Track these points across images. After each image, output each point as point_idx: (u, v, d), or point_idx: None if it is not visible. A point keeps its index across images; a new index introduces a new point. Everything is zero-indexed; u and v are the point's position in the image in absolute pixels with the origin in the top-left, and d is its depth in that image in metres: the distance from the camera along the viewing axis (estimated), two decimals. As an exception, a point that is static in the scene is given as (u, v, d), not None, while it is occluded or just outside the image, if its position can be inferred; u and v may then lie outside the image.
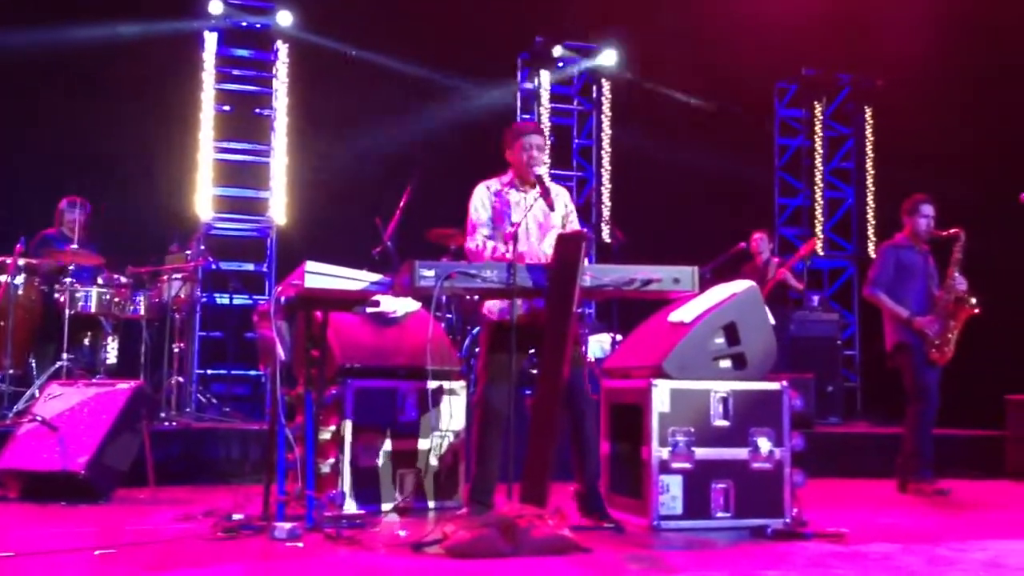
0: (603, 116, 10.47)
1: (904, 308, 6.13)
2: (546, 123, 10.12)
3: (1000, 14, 8.98)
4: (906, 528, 4.71)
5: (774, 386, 4.67)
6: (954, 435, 7.50)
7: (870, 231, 10.86)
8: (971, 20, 9.19)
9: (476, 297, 4.67)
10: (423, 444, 4.99)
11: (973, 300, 6.06)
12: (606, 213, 10.33)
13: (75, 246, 6.91)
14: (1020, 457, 7.15)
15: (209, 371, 8.54)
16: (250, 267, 9.01)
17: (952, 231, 6.17)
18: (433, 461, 4.97)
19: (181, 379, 7.16)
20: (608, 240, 9.96)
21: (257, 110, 9.14)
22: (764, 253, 8.70)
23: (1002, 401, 7.43)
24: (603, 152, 10.47)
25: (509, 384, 4.34)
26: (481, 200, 4.66)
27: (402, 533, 4.09)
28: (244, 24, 9.09)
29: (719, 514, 4.50)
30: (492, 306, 4.60)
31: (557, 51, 10.14)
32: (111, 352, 7.08)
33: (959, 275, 6.12)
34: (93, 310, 6.82)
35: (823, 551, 3.94)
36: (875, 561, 3.75)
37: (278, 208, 8.96)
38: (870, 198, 10.93)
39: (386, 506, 4.81)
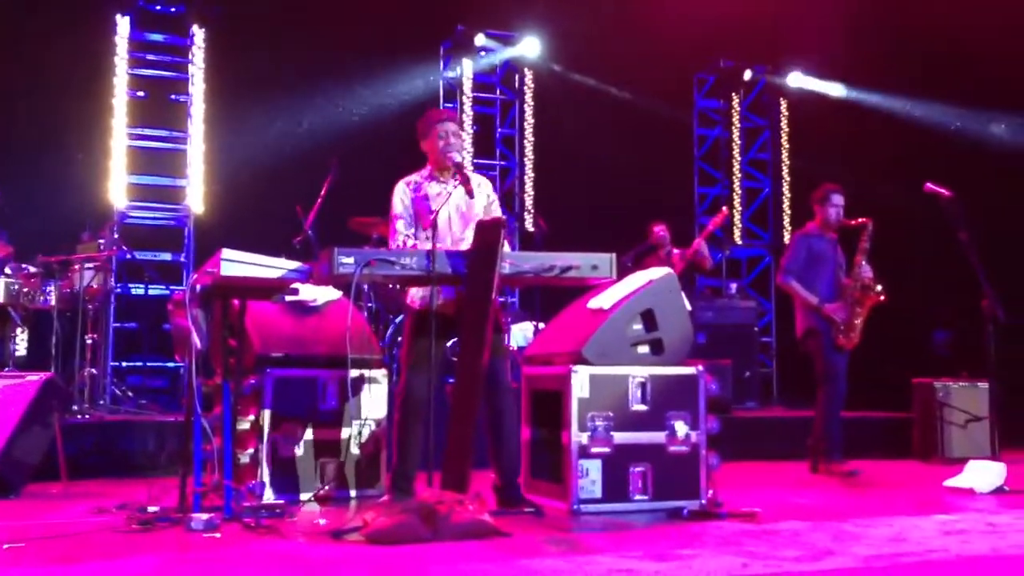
0: (526, 105, 10.51)
1: (814, 295, 6.31)
2: (469, 112, 10.12)
3: (907, 5, 9.26)
4: (816, 507, 4.86)
5: (690, 371, 4.77)
6: (864, 417, 7.75)
7: (786, 220, 11.13)
8: (880, 12, 9.46)
9: (399, 286, 4.67)
10: (344, 433, 4.97)
11: (879, 288, 6.26)
12: (529, 202, 10.39)
13: (-18, 235, 6.69)
14: (925, 438, 7.43)
15: (125, 363, 8.35)
16: (167, 256, 8.83)
17: (860, 220, 6.36)
18: (354, 450, 4.96)
19: (95, 371, 6.99)
20: (531, 229, 10.01)
21: (173, 96, 8.94)
22: (666, 245, 8.71)
23: (909, 385, 7.70)
24: (526, 141, 10.51)
25: (430, 372, 4.35)
26: (399, 197, 4.65)
27: (322, 522, 4.08)
28: (158, 8, 8.87)
29: (637, 497, 4.59)
30: (415, 294, 4.61)
31: (479, 40, 10.13)
32: (20, 344, 6.88)
33: (866, 263, 6.32)
34: (1, 300, 6.62)
35: (736, 530, 4.05)
36: (785, 538, 3.87)
37: (195, 196, 8.79)
38: (785, 188, 11.20)
39: (307, 495, 4.78)
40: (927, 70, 9.49)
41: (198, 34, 8.87)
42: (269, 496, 4.68)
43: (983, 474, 5.55)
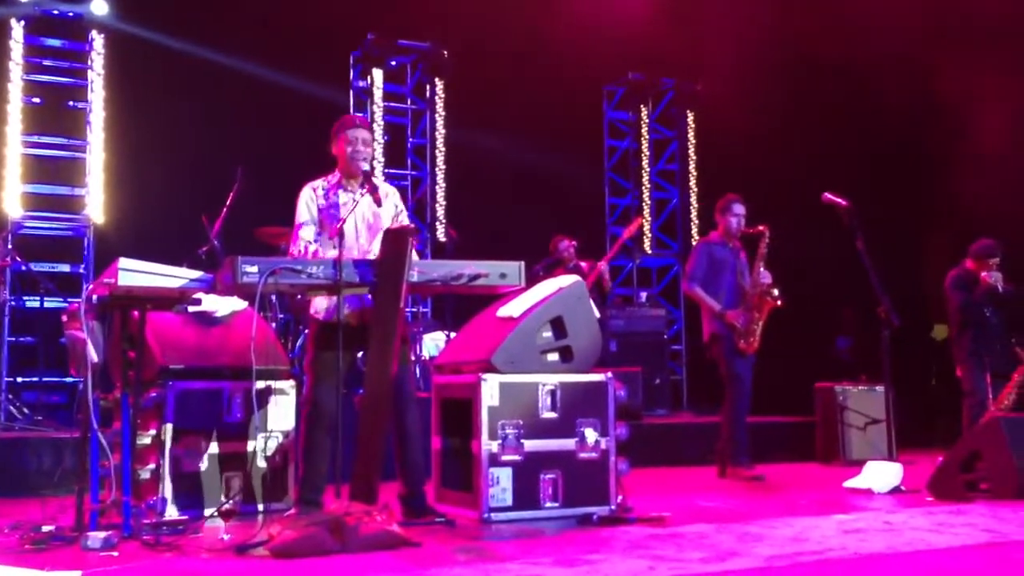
0: (437, 115, 10.48)
1: (717, 301, 6.45)
2: (380, 122, 10.04)
3: (810, 19, 9.55)
4: (722, 510, 4.95)
5: (599, 378, 4.81)
6: (771, 422, 7.94)
7: (694, 230, 11.32)
8: (785, 25, 9.73)
9: (309, 296, 4.60)
10: (250, 446, 4.87)
11: (776, 292, 6.42)
12: (440, 212, 10.34)
13: None
14: (827, 441, 7.64)
15: (20, 379, 8.02)
16: (65, 268, 8.52)
17: (759, 228, 6.53)
18: (261, 463, 4.86)
19: (-12, 387, 6.71)
20: (443, 239, 9.98)
21: (71, 103, 8.65)
22: (573, 259, 8.75)
23: (812, 389, 7.92)
24: (437, 151, 10.48)
25: (337, 383, 4.30)
26: (305, 201, 4.59)
27: (226, 537, 3.98)
28: (55, 12, 8.58)
29: (548, 504, 4.60)
30: (319, 306, 4.55)
31: (389, 50, 10.08)
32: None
33: (764, 270, 6.48)
34: None
35: (644, 534, 4.10)
36: (691, 540, 3.93)
37: (95, 206, 8.50)
38: (693, 198, 11.40)
39: (211, 511, 4.66)
40: (823, 83, 9.80)
41: (97, 39, 8.60)
42: (171, 512, 4.56)
43: (881, 475, 5.74)
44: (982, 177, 8.89)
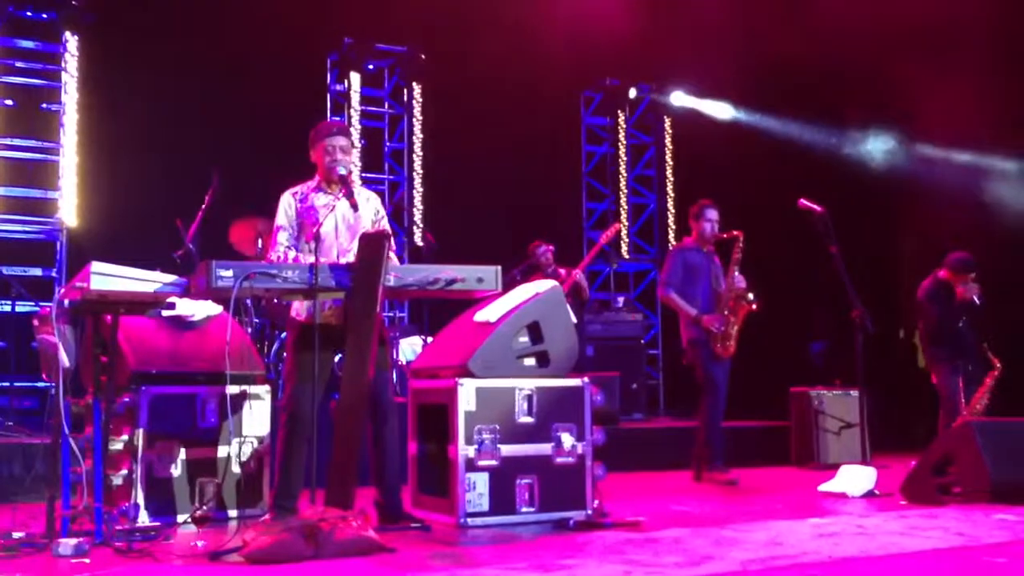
0: (415, 120, 10.47)
1: (693, 307, 6.48)
2: (357, 126, 10.02)
3: (787, 25, 9.61)
4: (698, 514, 4.97)
5: (576, 382, 4.81)
6: (746, 426, 7.97)
7: (671, 235, 11.37)
8: (761, 31, 9.78)
9: (286, 300, 4.58)
10: (224, 451, 4.83)
11: (751, 296, 6.45)
12: (418, 217, 10.33)
13: None
14: (801, 445, 7.69)
15: (-9, 384, 7.93)
16: (37, 272, 8.43)
17: (733, 233, 6.56)
18: (235, 468, 4.82)
19: (-42, 393, 6.62)
20: (420, 244, 9.96)
21: (45, 105, 8.57)
22: (551, 265, 8.73)
23: (787, 394, 7.96)
24: (415, 156, 10.46)
25: (314, 387, 4.28)
26: (283, 208, 4.58)
27: (200, 543, 3.95)
28: (29, 14, 8.51)
29: (524, 509, 4.60)
30: (299, 308, 4.53)
31: (366, 53, 10.06)
32: None
33: (739, 274, 6.51)
34: None
35: (620, 539, 4.11)
36: (667, 545, 3.93)
37: (68, 209, 8.42)
38: (670, 204, 11.45)
39: (184, 517, 4.62)
40: (799, 89, 9.86)
41: (71, 41, 8.52)
42: (144, 519, 4.52)
43: (855, 478, 5.77)
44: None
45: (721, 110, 11.09)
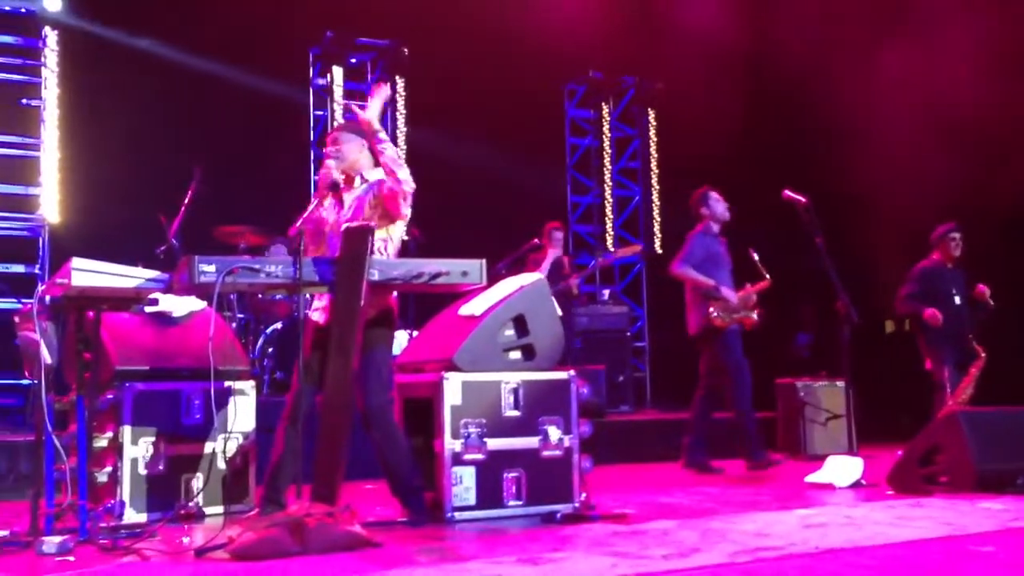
0: (398, 113, 10.43)
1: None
2: (340, 120, 9.95)
3: (770, 18, 9.63)
4: (685, 506, 4.97)
5: (562, 375, 4.81)
6: (733, 417, 7.96)
7: (656, 228, 11.38)
8: (745, 23, 9.80)
9: (276, 296, 4.56)
10: (210, 447, 4.80)
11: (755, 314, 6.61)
12: (403, 211, 10.28)
13: None
14: (788, 436, 7.71)
15: (-27, 382, 7.87)
16: (20, 268, 8.36)
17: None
18: (221, 464, 4.79)
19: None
20: (406, 238, 9.91)
21: (24, 100, 8.48)
22: (558, 249, 8.77)
23: (773, 385, 7.98)
24: (399, 150, 10.42)
25: (314, 384, 4.27)
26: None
27: (185, 540, 3.93)
28: (7, 8, 8.42)
29: (511, 502, 4.59)
30: (320, 312, 4.52)
31: (349, 47, 10.01)
32: None
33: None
34: None
35: (607, 531, 4.10)
36: (654, 537, 3.93)
37: (50, 206, 8.35)
38: (655, 196, 11.45)
39: (170, 513, 4.59)
40: (782, 81, 9.88)
41: (50, 36, 8.44)
42: (129, 516, 4.48)
43: (842, 469, 5.79)
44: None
45: (702, 101, 11.08)
